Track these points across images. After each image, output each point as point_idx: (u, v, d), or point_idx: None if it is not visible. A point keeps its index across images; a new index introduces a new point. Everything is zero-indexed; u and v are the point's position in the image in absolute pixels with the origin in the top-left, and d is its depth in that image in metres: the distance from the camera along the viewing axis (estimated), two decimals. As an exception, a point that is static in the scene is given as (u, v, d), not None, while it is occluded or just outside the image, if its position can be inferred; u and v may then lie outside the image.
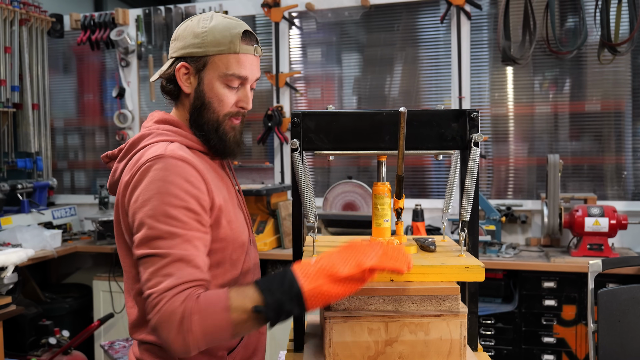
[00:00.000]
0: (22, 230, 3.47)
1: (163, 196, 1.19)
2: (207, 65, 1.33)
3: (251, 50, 1.36)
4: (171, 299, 1.11)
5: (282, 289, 1.10)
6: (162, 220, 1.17)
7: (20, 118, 4.10)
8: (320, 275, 1.11)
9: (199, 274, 1.16)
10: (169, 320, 1.10)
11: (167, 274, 1.14)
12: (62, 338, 3.38)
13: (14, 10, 3.95)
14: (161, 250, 1.16)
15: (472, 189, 1.32)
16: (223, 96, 1.35)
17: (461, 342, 1.25)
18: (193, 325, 1.10)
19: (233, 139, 1.39)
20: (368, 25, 3.94)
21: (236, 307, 1.11)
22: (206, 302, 1.11)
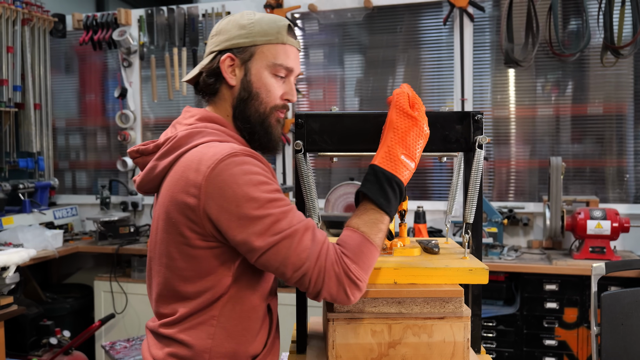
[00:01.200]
0: (24, 230, 3.47)
1: (258, 186, 1.18)
2: (254, 56, 1.33)
3: (296, 43, 1.38)
4: (323, 269, 1.15)
5: (399, 195, 1.23)
6: (269, 206, 1.17)
7: (22, 118, 4.10)
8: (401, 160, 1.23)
9: (322, 233, 1.21)
10: (335, 286, 1.15)
11: (304, 248, 1.16)
12: (63, 338, 3.38)
13: (16, 10, 3.95)
14: (286, 231, 1.16)
15: (476, 192, 1.32)
16: (271, 86, 1.34)
17: (464, 345, 1.24)
18: (354, 275, 1.16)
19: (278, 134, 1.38)
20: (370, 26, 3.94)
21: (375, 238, 1.20)
22: (352, 252, 1.18)
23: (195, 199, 1.19)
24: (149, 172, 1.32)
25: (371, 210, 1.22)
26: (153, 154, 1.33)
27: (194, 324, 1.27)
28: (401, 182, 1.22)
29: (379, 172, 1.22)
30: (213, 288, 1.25)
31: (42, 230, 3.60)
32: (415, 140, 1.24)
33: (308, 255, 1.15)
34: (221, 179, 1.17)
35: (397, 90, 1.28)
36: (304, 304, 1.40)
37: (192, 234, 1.22)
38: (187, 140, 1.27)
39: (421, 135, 1.25)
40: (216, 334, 1.27)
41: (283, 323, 3.30)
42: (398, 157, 1.22)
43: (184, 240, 1.24)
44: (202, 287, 1.25)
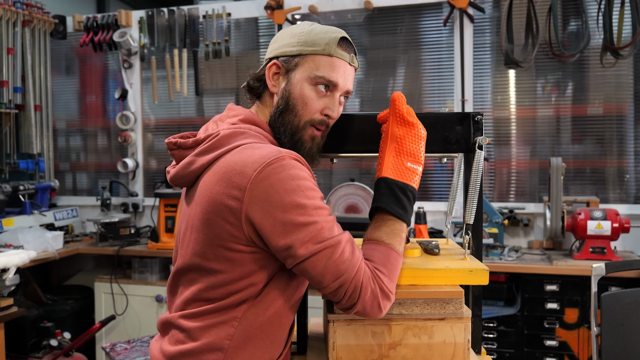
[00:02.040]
0: (24, 232, 3.47)
1: (305, 192, 1.17)
2: (298, 66, 1.30)
3: (347, 57, 1.31)
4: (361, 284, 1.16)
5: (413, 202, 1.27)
6: (315, 214, 1.16)
7: (22, 119, 4.11)
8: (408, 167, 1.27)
9: (359, 249, 1.22)
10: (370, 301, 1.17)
11: (345, 260, 1.16)
12: (63, 340, 3.38)
13: (16, 11, 3.95)
14: (329, 240, 1.16)
15: (476, 193, 1.32)
16: (309, 99, 1.29)
17: (465, 346, 1.24)
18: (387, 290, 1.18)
19: (308, 151, 1.33)
20: (371, 27, 3.94)
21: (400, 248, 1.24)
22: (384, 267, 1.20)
23: (238, 202, 1.17)
24: (185, 166, 1.29)
25: (390, 221, 1.25)
26: (191, 148, 1.30)
27: (215, 322, 1.25)
28: (414, 189, 1.27)
29: (392, 184, 1.25)
30: (242, 291, 1.23)
31: (42, 231, 3.60)
32: (416, 144, 1.27)
33: (347, 268, 1.15)
34: (268, 182, 1.15)
35: (396, 95, 1.29)
36: (304, 305, 1.40)
37: (230, 237, 1.20)
38: (229, 139, 1.25)
39: (420, 137, 1.28)
40: (235, 336, 1.25)
41: (283, 324, 3.30)
42: (405, 165, 1.26)
43: (220, 242, 1.21)
44: (232, 289, 1.23)
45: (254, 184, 1.15)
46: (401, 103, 1.29)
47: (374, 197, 1.26)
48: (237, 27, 4.20)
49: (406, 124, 1.28)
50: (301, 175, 1.18)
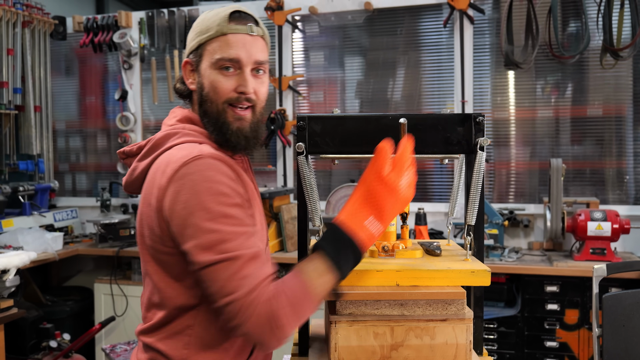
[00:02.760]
0: (24, 233, 3.46)
1: (216, 197, 1.13)
2: (202, 56, 1.28)
3: (242, 29, 1.26)
4: (255, 303, 1.07)
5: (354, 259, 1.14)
6: (222, 222, 1.12)
7: (22, 120, 4.10)
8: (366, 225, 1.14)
9: (268, 268, 1.13)
10: (260, 324, 1.07)
11: (244, 276, 1.09)
12: (63, 341, 3.37)
13: (16, 12, 3.95)
14: (231, 253, 1.10)
15: (478, 194, 1.32)
16: (216, 82, 1.26)
17: (467, 347, 1.24)
18: (283, 319, 1.08)
19: (238, 131, 1.28)
20: (371, 29, 3.94)
21: (316, 289, 1.11)
22: (289, 294, 1.09)
23: (158, 202, 1.17)
24: (130, 173, 1.32)
25: (322, 263, 1.13)
26: (137, 155, 1.32)
27: (170, 334, 1.25)
28: (360, 251, 1.14)
29: (338, 233, 1.13)
30: (183, 295, 1.22)
31: (42, 232, 3.60)
32: (389, 206, 1.15)
33: (243, 285, 1.08)
34: (181, 182, 1.14)
35: (380, 147, 1.18)
36: (306, 306, 1.40)
37: (156, 237, 1.20)
38: (163, 141, 1.26)
39: (397, 201, 1.16)
40: (191, 344, 1.24)
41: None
42: (363, 221, 1.14)
43: (151, 243, 1.23)
44: (173, 294, 1.22)
45: (170, 182, 1.15)
46: (384, 159, 1.16)
47: (323, 235, 1.17)
48: (237, 28, 4.20)
49: (380, 182, 1.15)
50: (216, 178, 1.15)
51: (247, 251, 1.11)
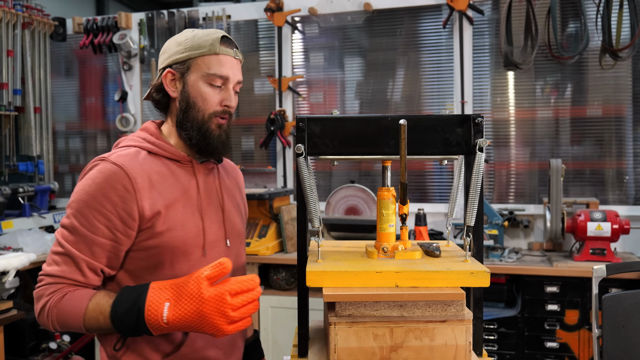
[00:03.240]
0: (23, 234, 3.46)
1: (86, 195, 1.33)
2: (190, 68, 1.43)
3: (231, 52, 1.45)
4: (46, 286, 1.33)
5: (136, 334, 1.26)
6: (76, 216, 1.33)
7: (22, 121, 4.11)
8: (170, 331, 1.27)
9: (79, 276, 1.33)
10: (38, 300, 1.33)
11: (55, 262, 1.33)
12: (62, 343, 3.37)
13: (16, 13, 3.95)
14: (62, 240, 1.34)
15: (477, 194, 1.32)
16: (207, 94, 1.43)
17: (466, 348, 1.24)
18: (52, 316, 1.32)
19: (218, 138, 1.46)
20: (370, 30, 3.95)
21: (89, 324, 1.30)
22: (65, 306, 1.30)
23: None
24: None
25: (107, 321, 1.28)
26: None
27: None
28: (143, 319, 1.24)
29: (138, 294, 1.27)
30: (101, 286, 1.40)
31: (41, 234, 3.60)
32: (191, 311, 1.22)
33: (49, 265, 1.35)
34: (82, 175, 1.39)
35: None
36: (305, 307, 1.40)
37: None
38: (117, 144, 1.49)
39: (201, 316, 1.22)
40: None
41: (285, 327, 3.31)
42: (164, 301, 1.24)
43: None
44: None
45: (80, 176, 1.41)
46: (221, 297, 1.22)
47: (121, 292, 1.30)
48: (237, 29, 4.21)
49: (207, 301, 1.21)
50: (97, 181, 1.33)
51: (70, 248, 1.32)
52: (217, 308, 1.20)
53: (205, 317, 1.20)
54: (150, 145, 1.44)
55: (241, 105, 4.23)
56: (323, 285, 1.26)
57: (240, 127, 4.24)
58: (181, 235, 1.40)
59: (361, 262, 1.34)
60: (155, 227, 1.36)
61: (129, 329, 1.25)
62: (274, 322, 3.35)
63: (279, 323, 3.34)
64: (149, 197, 1.35)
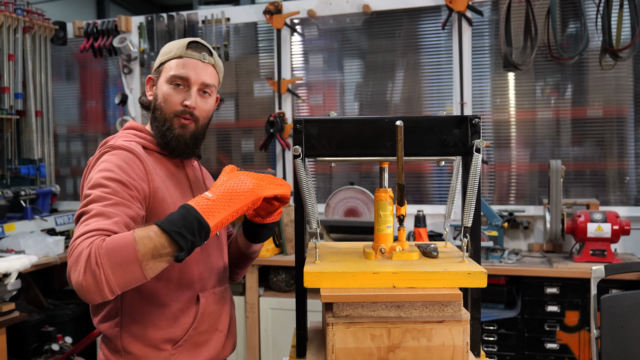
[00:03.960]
0: (25, 237, 3.47)
1: (102, 172, 1.36)
2: (161, 73, 1.53)
3: (197, 55, 1.51)
4: (81, 242, 1.20)
5: (191, 229, 1.21)
6: (96, 188, 1.33)
7: (23, 125, 4.12)
8: (220, 208, 1.25)
9: (113, 226, 1.25)
10: (77, 260, 1.18)
11: (86, 224, 1.26)
12: (64, 344, 3.38)
13: (17, 18, 3.97)
14: (89, 208, 1.29)
15: (474, 195, 1.33)
16: (168, 95, 1.50)
17: (464, 348, 1.25)
18: (101, 259, 1.16)
19: (179, 137, 1.51)
20: (369, 31, 3.95)
21: (142, 245, 1.18)
22: (113, 240, 1.19)
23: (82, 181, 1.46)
24: None
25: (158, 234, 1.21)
26: None
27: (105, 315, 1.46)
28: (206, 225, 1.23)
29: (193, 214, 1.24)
30: None
31: (43, 236, 3.61)
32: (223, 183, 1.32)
33: (80, 229, 1.24)
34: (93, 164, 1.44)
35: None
36: (303, 308, 1.40)
37: None
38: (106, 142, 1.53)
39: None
40: (123, 321, 1.44)
41: (284, 328, 3.31)
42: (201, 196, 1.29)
43: None
44: None
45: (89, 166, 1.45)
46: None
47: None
48: (236, 32, 4.22)
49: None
50: (111, 159, 1.39)
51: (98, 209, 1.28)
52: (251, 172, 1.35)
53: (242, 177, 1.32)
54: (141, 140, 1.52)
55: (240, 108, 4.24)
56: (321, 286, 1.27)
57: (239, 129, 4.25)
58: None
59: (359, 263, 1.35)
60: (160, 211, 1.42)
61: (182, 224, 1.20)
62: (274, 323, 3.36)
63: (278, 325, 3.35)
64: (155, 180, 1.44)
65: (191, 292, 1.50)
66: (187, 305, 1.49)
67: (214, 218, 1.23)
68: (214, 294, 1.56)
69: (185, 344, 1.48)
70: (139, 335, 1.44)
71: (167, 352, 1.46)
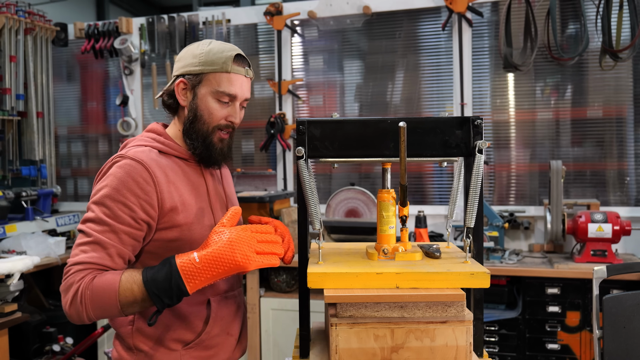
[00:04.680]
0: (27, 238, 3.48)
1: (110, 190, 1.37)
2: (202, 82, 1.49)
3: (242, 71, 1.51)
4: (75, 273, 1.31)
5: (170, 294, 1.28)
6: (100, 208, 1.36)
7: (24, 126, 4.12)
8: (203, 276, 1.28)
9: (108, 261, 1.34)
10: (68, 289, 1.31)
11: (83, 251, 1.34)
12: (66, 345, 3.39)
13: (19, 19, 3.97)
14: (89, 230, 1.35)
15: (477, 196, 1.33)
16: (213, 110, 1.50)
17: (467, 349, 1.25)
18: (85, 299, 1.30)
19: (219, 151, 1.54)
20: (370, 32, 3.96)
21: (124, 296, 1.29)
22: (99, 284, 1.30)
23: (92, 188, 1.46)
24: None
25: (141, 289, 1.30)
26: None
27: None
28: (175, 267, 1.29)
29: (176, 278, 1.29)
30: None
31: (44, 237, 3.61)
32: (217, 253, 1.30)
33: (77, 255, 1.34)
34: (102, 173, 1.44)
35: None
36: (306, 309, 1.41)
37: None
38: (124, 146, 1.53)
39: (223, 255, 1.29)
40: (135, 320, 1.48)
41: (285, 329, 3.31)
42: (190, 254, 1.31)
43: None
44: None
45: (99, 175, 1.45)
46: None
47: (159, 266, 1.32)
48: (236, 33, 4.22)
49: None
50: (118, 175, 1.38)
51: (98, 236, 1.34)
52: (244, 237, 1.30)
53: (234, 245, 1.28)
54: (159, 144, 1.51)
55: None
56: (324, 287, 1.27)
57: (240, 130, 4.25)
58: (199, 230, 1.48)
59: (362, 264, 1.35)
60: (175, 219, 1.43)
61: (162, 287, 1.28)
62: (274, 324, 3.36)
63: (279, 325, 3.35)
64: (167, 190, 1.43)
65: (202, 296, 1.51)
66: (198, 308, 1.50)
67: (194, 285, 1.28)
68: (225, 298, 1.57)
69: (196, 346, 1.50)
70: (150, 335, 1.47)
71: (177, 353, 1.48)
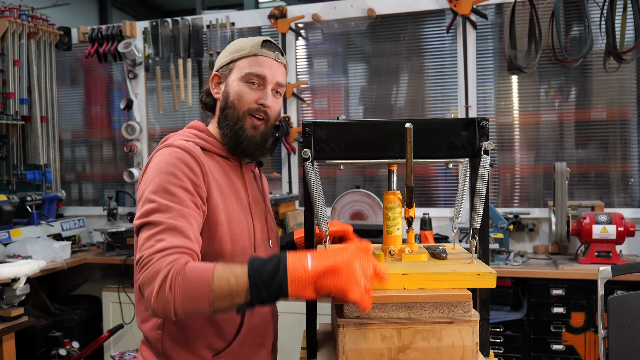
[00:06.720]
0: (32, 242, 3.49)
1: (165, 175, 1.31)
2: (232, 70, 1.48)
3: (272, 55, 1.48)
4: (160, 259, 1.17)
5: (269, 290, 1.11)
6: (161, 195, 1.28)
7: (29, 131, 4.14)
8: (308, 285, 1.11)
9: (190, 243, 1.24)
10: (154, 277, 1.16)
11: (160, 239, 1.21)
12: (72, 349, 3.39)
13: (22, 23, 3.99)
14: (157, 219, 1.24)
15: (483, 197, 1.33)
16: (243, 93, 1.45)
17: (473, 349, 1.25)
18: (175, 285, 1.14)
19: (251, 138, 1.47)
20: (374, 35, 3.97)
21: (218, 285, 1.13)
22: (192, 269, 1.15)
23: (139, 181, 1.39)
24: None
25: (240, 279, 1.13)
26: None
27: (149, 317, 1.43)
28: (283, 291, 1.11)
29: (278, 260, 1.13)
30: None
31: (50, 242, 3.62)
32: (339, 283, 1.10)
33: (153, 245, 1.20)
34: (152, 160, 1.37)
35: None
36: (313, 310, 1.41)
37: None
38: (166, 139, 1.47)
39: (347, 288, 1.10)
40: (165, 325, 1.41)
41: (292, 330, 3.31)
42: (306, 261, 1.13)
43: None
44: None
45: (146, 165, 1.39)
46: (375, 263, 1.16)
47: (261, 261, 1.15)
48: (240, 36, 4.23)
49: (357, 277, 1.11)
50: (172, 161, 1.33)
51: (170, 222, 1.24)
52: (364, 260, 1.12)
53: (351, 266, 1.10)
54: (201, 141, 1.46)
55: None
56: (331, 288, 1.27)
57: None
58: (239, 229, 1.43)
59: (368, 265, 1.35)
60: (217, 215, 1.38)
61: (265, 281, 1.10)
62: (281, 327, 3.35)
63: (285, 328, 3.35)
64: (212, 183, 1.39)
65: None
66: (231, 314, 1.42)
67: (296, 291, 1.11)
68: (258, 308, 1.48)
69: (226, 355, 1.43)
70: (179, 340, 1.40)
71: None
